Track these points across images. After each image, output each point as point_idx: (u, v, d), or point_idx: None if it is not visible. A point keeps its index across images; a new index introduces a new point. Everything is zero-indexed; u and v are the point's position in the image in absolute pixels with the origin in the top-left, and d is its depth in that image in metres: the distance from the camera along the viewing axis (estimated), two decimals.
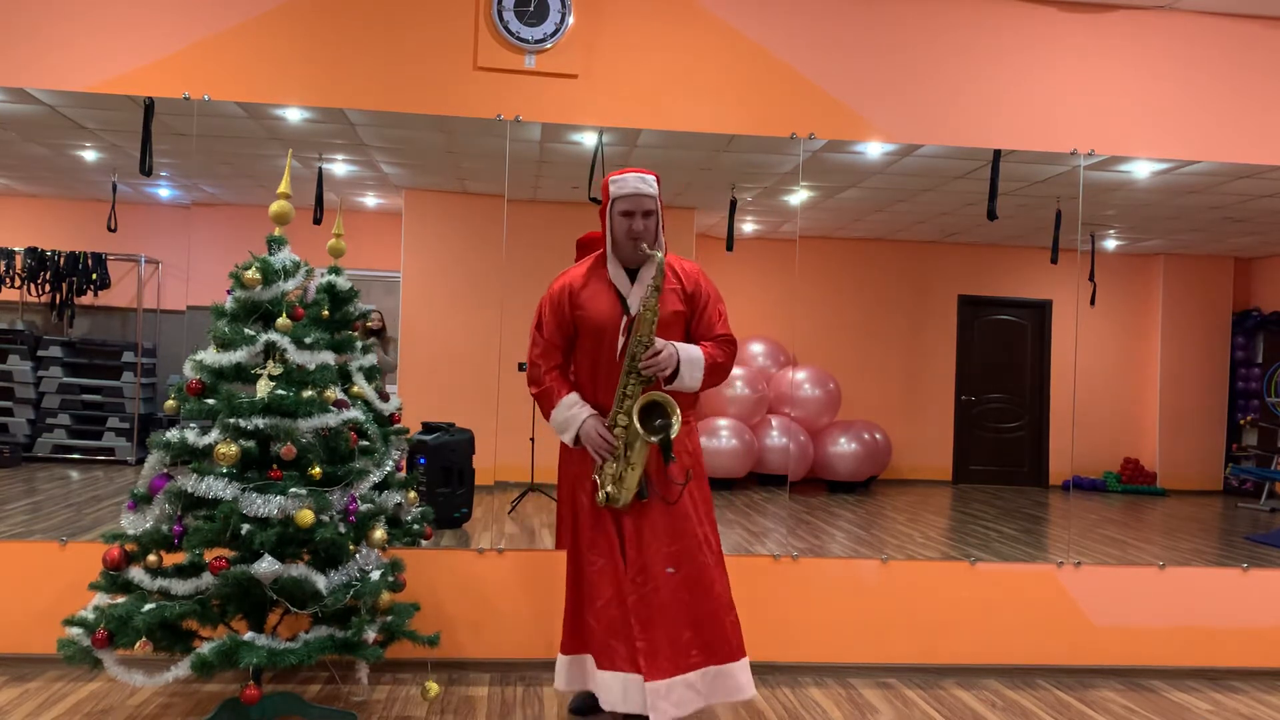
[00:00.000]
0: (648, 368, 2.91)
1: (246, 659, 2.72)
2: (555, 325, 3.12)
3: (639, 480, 2.96)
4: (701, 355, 3.02)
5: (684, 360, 2.97)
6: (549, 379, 3.12)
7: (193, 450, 2.91)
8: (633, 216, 2.99)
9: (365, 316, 4.01)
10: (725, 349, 3.10)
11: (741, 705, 3.53)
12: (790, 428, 6.77)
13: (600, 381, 3.09)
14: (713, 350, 3.06)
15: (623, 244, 3.02)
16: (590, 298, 3.07)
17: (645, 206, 3.00)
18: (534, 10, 3.89)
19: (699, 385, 3.03)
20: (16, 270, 5.73)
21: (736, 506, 5.91)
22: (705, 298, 3.12)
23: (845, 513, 6.03)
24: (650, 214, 3.01)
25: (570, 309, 3.09)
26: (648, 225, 3.00)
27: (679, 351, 2.97)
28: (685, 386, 3.00)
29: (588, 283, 3.09)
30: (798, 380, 6.98)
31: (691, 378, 2.99)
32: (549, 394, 3.11)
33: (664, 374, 2.94)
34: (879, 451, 6.96)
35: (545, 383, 3.13)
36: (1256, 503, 6.69)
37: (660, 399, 2.91)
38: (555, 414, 3.09)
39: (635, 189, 2.99)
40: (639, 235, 2.99)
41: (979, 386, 7.08)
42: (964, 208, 5.96)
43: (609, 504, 3.00)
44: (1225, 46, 4.25)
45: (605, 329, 3.04)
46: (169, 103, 3.81)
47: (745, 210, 6.03)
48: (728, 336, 3.13)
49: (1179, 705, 3.74)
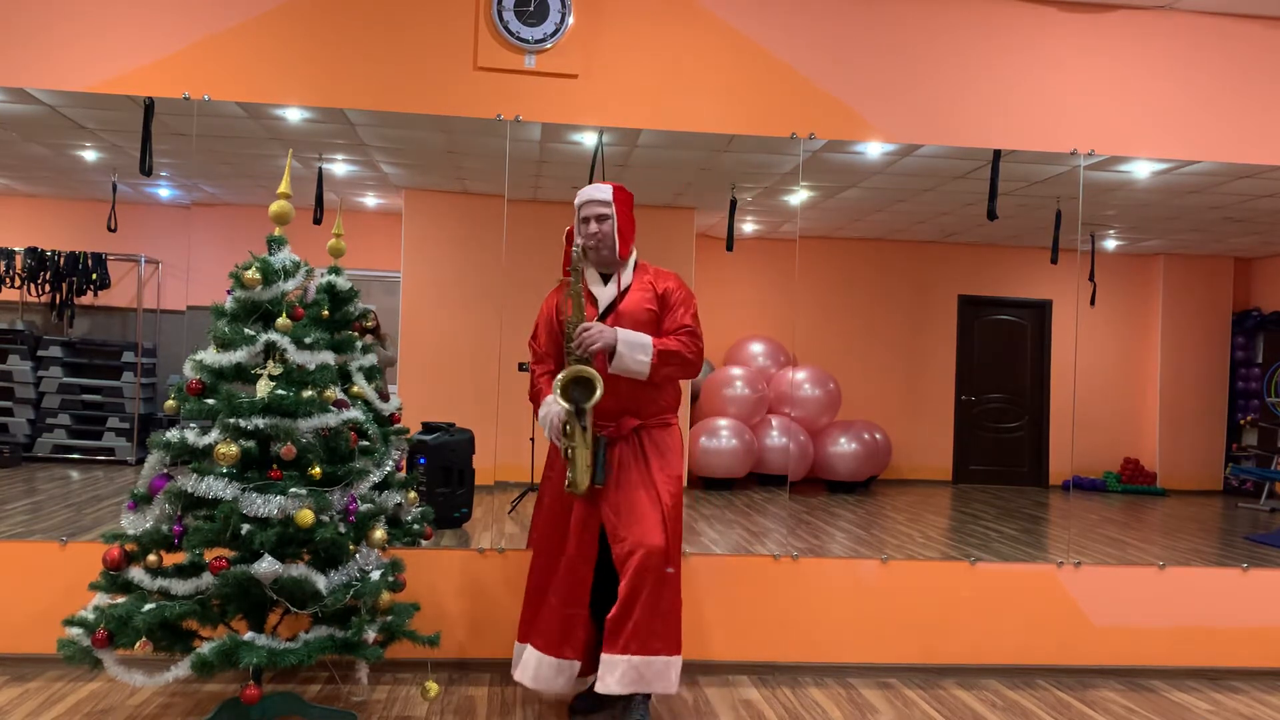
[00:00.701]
0: (579, 344, 3.07)
1: (246, 659, 2.72)
2: (547, 336, 3.34)
3: (589, 461, 3.10)
4: (649, 340, 3.13)
5: (623, 340, 3.09)
6: (539, 383, 3.32)
7: (193, 450, 2.91)
8: (588, 221, 3.20)
9: (364, 317, 4.01)
10: (683, 339, 3.20)
11: (741, 705, 3.53)
12: (790, 428, 6.76)
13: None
14: (669, 340, 3.18)
15: (588, 249, 3.21)
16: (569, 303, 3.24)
17: (597, 211, 3.20)
18: (534, 10, 3.89)
19: (647, 369, 3.12)
20: (16, 270, 5.73)
21: (736, 506, 5.91)
22: (675, 297, 3.26)
23: (845, 513, 6.03)
24: (604, 218, 3.20)
25: (557, 318, 3.29)
26: (603, 228, 3.20)
27: (619, 334, 3.09)
28: (630, 369, 3.11)
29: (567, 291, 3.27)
30: (798, 380, 6.98)
31: (634, 360, 3.10)
32: (538, 396, 3.30)
33: (593, 347, 3.06)
34: (879, 451, 6.96)
35: (536, 385, 3.33)
36: (1256, 503, 6.69)
37: (586, 373, 3.05)
38: (540, 412, 3.26)
39: (588, 196, 3.24)
40: (595, 237, 3.19)
41: (979, 386, 7.08)
42: (964, 208, 5.96)
43: (570, 489, 3.12)
44: (1225, 46, 4.25)
45: None
46: (169, 103, 3.81)
47: (745, 210, 6.03)
48: (688, 328, 3.23)
49: (1179, 705, 3.74)
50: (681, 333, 3.21)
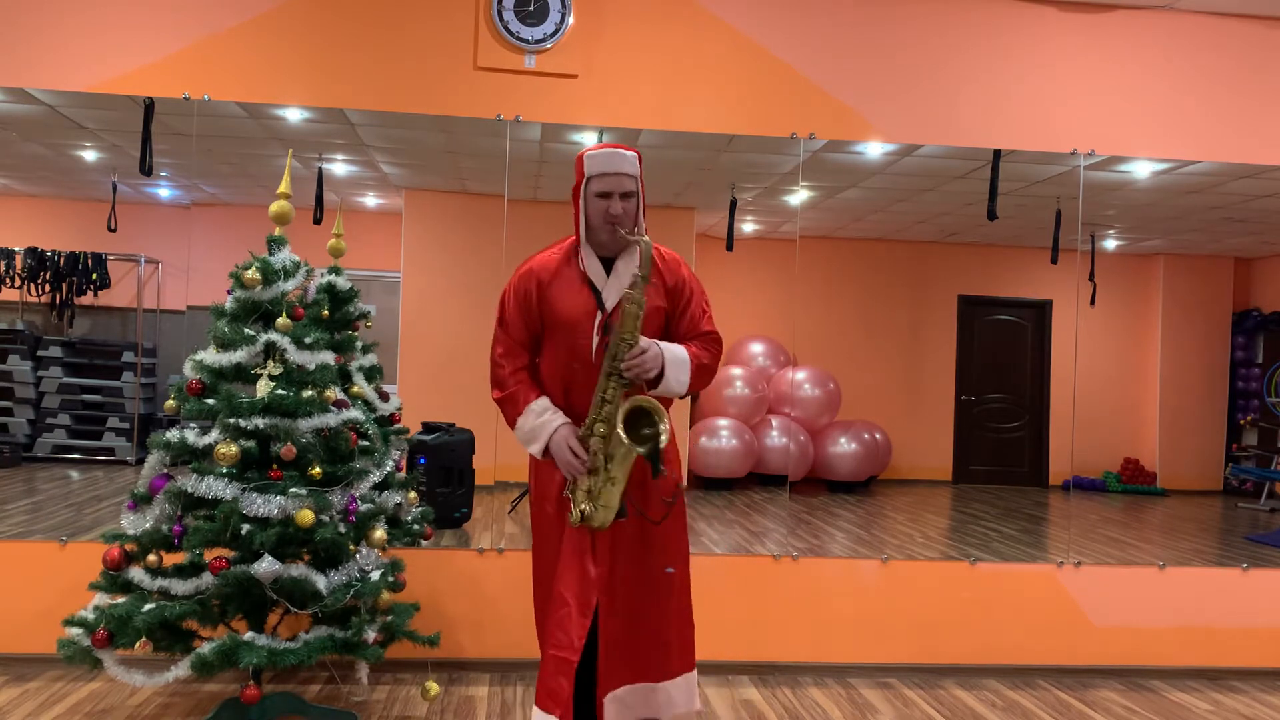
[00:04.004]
0: (630, 369, 2.52)
1: (246, 659, 2.72)
2: (521, 321, 2.72)
3: (620, 498, 2.58)
4: (687, 355, 2.64)
5: (669, 361, 2.59)
6: (514, 382, 2.72)
7: (193, 450, 2.91)
8: (610, 198, 2.60)
9: (366, 317, 4.01)
10: (712, 349, 2.74)
11: (741, 704, 3.53)
12: (790, 428, 6.77)
13: (574, 385, 2.69)
14: (698, 351, 2.69)
15: (598, 229, 2.64)
16: (561, 291, 2.68)
17: (624, 187, 2.61)
18: (534, 10, 3.89)
19: (684, 390, 2.64)
20: (16, 270, 5.73)
21: (736, 506, 5.91)
22: (689, 291, 2.75)
23: (845, 513, 6.03)
24: (630, 195, 2.62)
25: (538, 303, 2.69)
26: (626, 208, 2.61)
27: (664, 351, 2.59)
28: (670, 391, 2.62)
29: (558, 273, 2.69)
30: (798, 380, 6.98)
31: (677, 380, 2.61)
32: (514, 399, 2.71)
33: (648, 376, 2.55)
34: (879, 451, 6.96)
35: (510, 386, 2.72)
36: (1256, 503, 6.69)
37: (647, 404, 2.53)
38: (522, 422, 2.69)
39: (614, 167, 2.60)
40: (617, 219, 2.61)
41: (979, 386, 7.08)
42: (964, 208, 5.96)
43: (584, 523, 2.59)
44: (1225, 46, 4.25)
45: (578, 326, 2.66)
46: (169, 103, 3.81)
47: (745, 210, 6.03)
48: (713, 335, 2.76)
49: (1179, 705, 3.74)
50: (707, 340, 2.74)
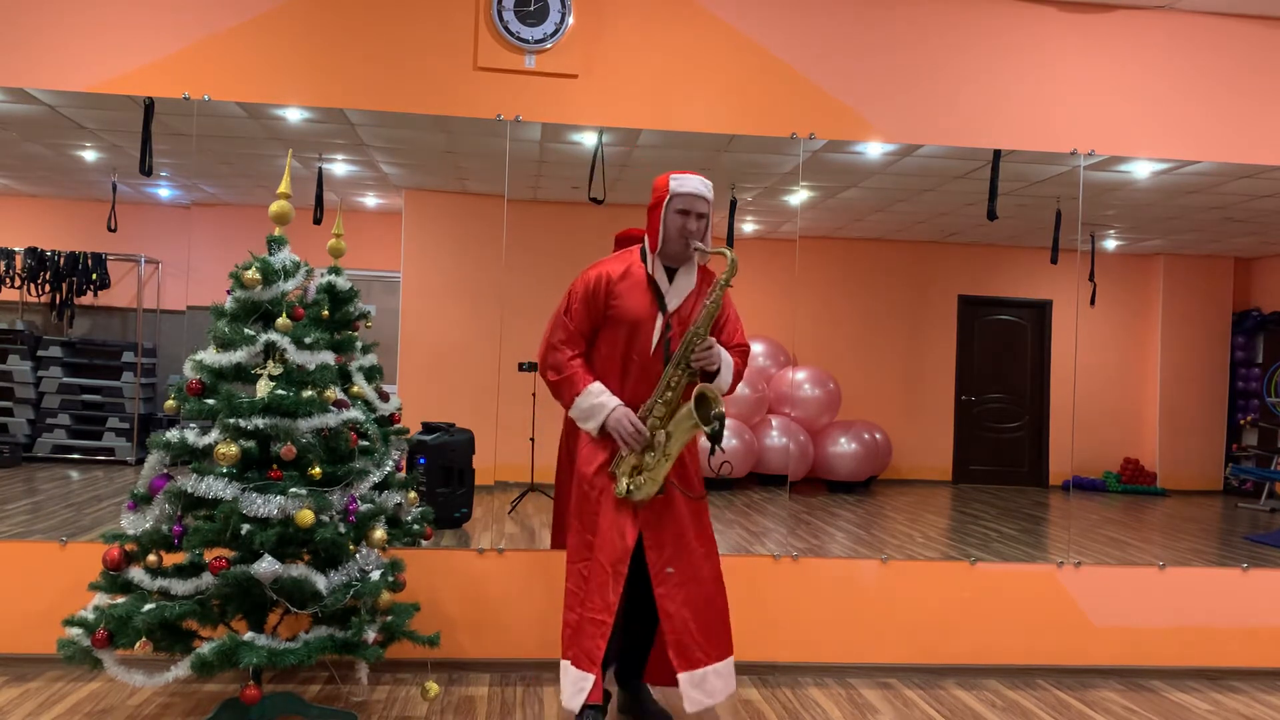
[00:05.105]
0: (700, 360, 2.99)
1: (246, 659, 2.72)
2: (586, 314, 3.12)
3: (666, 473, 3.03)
4: (732, 361, 3.14)
5: (723, 361, 3.09)
6: (571, 366, 3.11)
7: (193, 450, 2.91)
8: (688, 216, 3.06)
9: (366, 317, 4.02)
10: (745, 359, 3.24)
11: (741, 704, 3.53)
12: (790, 428, 6.76)
13: (630, 375, 3.12)
14: (738, 359, 3.19)
15: (674, 240, 3.08)
16: (628, 290, 3.11)
17: (700, 209, 3.08)
18: (534, 10, 3.89)
19: (726, 388, 3.11)
20: (16, 270, 5.73)
21: (736, 506, 5.91)
22: (728, 306, 3.24)
23: (845, 513, 6.03)
24: (703, 217, 3.09)
25: (606, 299, 3.11)
26: (699, 228, 3.08)
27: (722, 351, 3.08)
28: (719, 386, 3.08)
29: (625, 275, 3.13)
30: (798, 380, 6.98)
31: (723, 380, 3.09)
32: (572, 381, 3.10)
33: (712, 368, 3.03)
34: (879, 451, 6.95)
35: (568, 370, 3.11)
36: (1256, 503, 6.69)
37: (710, 392, 2.98)
38: (580, 400, 3.08)
39: (697, 190, 3.08)
40: (692, 235, 3.07)
41: (979, 386, 7.08)
42: (964, 208, 5.96)
43: (629, 496, 3.02)
44: (1225, 46, 4.25)
45: (641, 323, 3.09)
46: (169, 103, 3.81)
47: (745, 210, 6.02)
48: (746, 347, 3.25)
49: (1179, 705, 3.74)
50: (744, 351, 3.24)
